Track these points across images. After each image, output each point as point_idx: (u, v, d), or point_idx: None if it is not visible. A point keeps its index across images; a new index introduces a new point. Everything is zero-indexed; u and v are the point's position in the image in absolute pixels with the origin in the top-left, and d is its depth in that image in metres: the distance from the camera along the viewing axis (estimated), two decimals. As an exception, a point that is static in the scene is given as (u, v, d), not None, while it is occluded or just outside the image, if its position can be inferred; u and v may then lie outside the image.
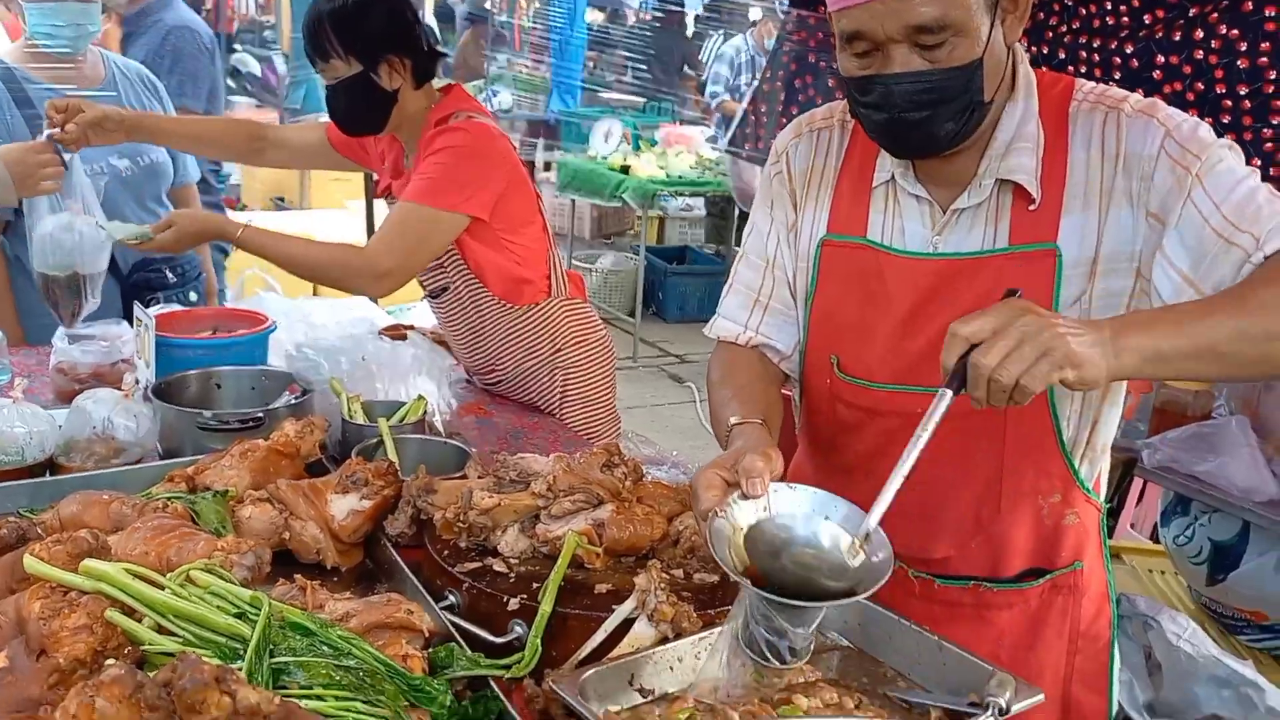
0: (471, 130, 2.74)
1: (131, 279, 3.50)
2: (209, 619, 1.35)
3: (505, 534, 1.85)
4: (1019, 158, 1.68)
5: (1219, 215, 1.55)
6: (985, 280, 1.70)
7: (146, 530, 1.67)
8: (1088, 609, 1.87)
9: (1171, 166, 1.60)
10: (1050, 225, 1.68)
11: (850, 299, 1.83)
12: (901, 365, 1.78)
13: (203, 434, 2.21)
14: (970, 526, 1.82)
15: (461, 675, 1.51)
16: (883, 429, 1.80)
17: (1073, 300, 1.68)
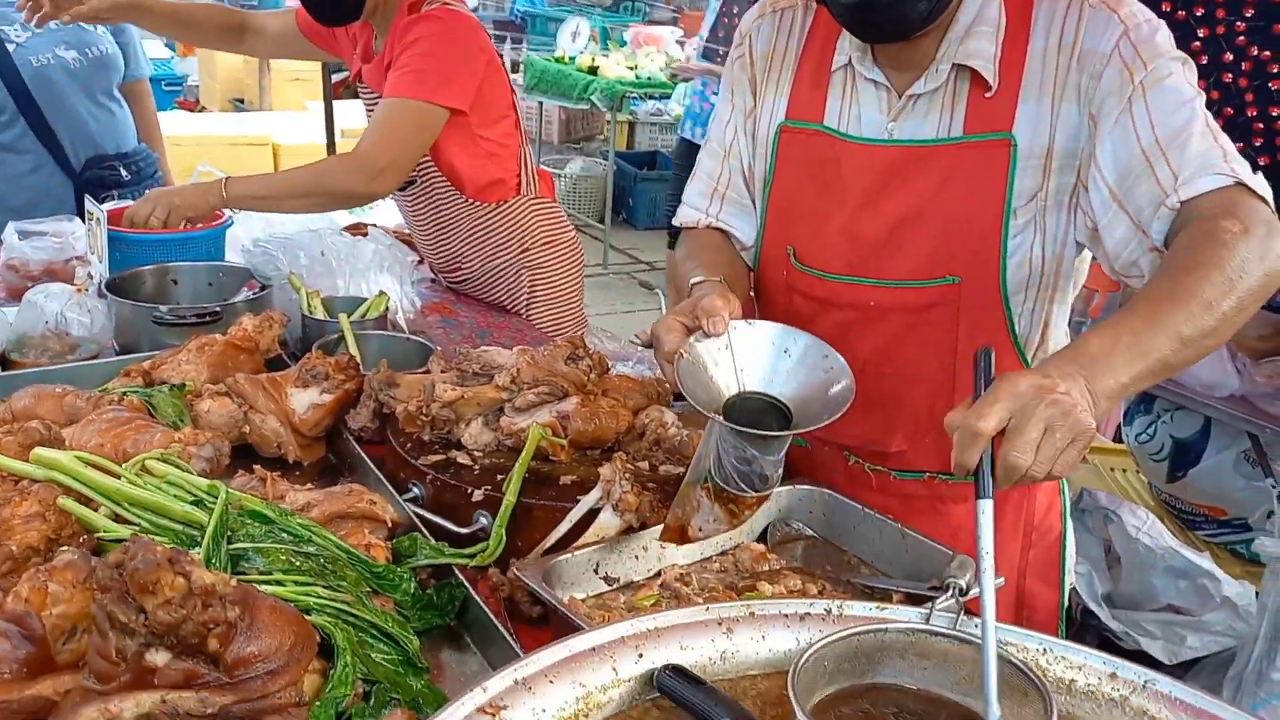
0: (447, 19, 2.64)
1: (84, 176, 3.41)
2: (165, 507, 1.32)
3: (469, 427, 1.84)
4: (977, 42, 1.64)
5: (1151, 135, 1.52)
6: (939, 169, 1.67)
7: (101, 422, 1.64)
8: (1040, 502, 1.88)
9: (1120, 69, 1.56)
10: (1006, 114, 1.63)
11: (807, 188, 1.79)
12: (856, 256, 1.75)
13: (159, 329, 2.17)
14: (925, 419, 1.80)
15: (425, 564, 1.50)
16: (838, 321, 1.78)
17: (1028, 196, 1.64)
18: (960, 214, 1.67)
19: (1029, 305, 1.74)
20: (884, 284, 1.73)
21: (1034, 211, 1.65)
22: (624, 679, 1.11)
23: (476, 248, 2.94)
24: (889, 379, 1.78)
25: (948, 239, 1.69)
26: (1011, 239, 1.66)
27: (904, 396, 1.80)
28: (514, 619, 1.53)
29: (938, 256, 1.69)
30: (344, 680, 1.11)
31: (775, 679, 1.13)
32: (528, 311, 2.99)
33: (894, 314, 1.74)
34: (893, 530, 1.62)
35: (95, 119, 3.43)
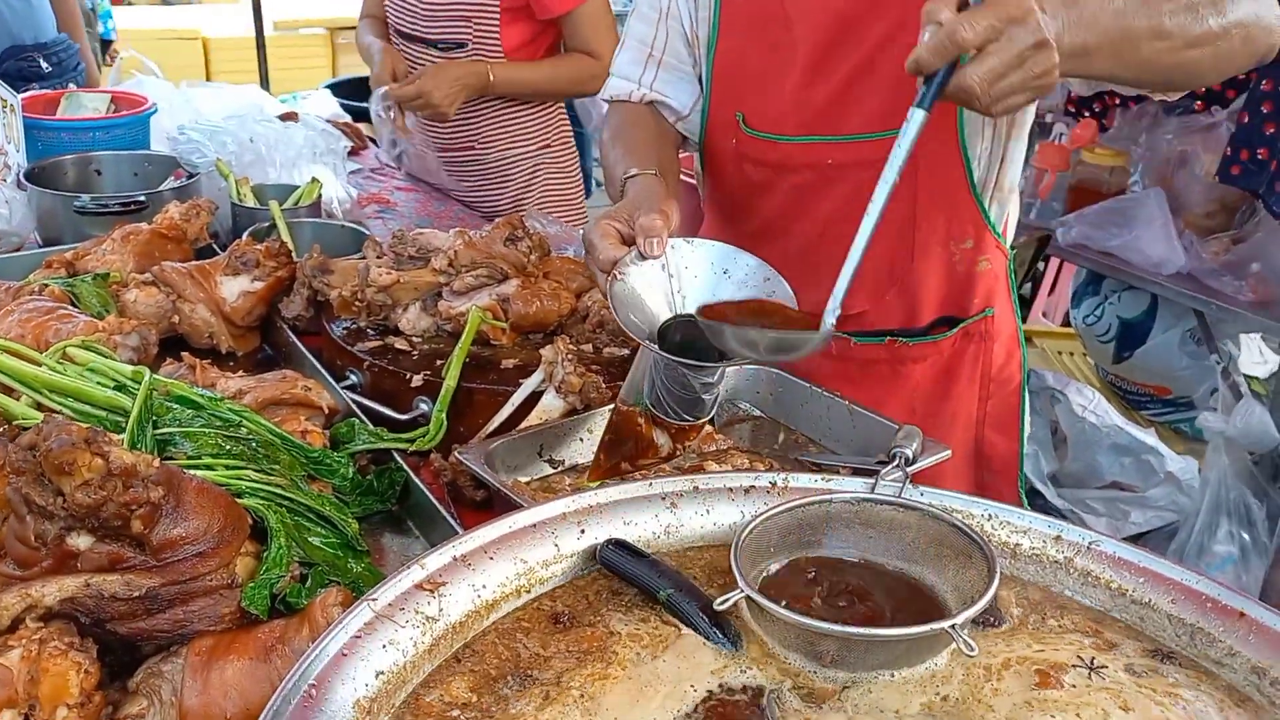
0: None
1: (2, 67, 3.25)
2: (87, 392, 1.27)
3: (406, 312, 1.79)
4: None
5: None
6: (890, 17, 1.59)
7: (21, 313, 1.58)
8: (999, 354, 1.85)
9: None
10: None
11: (753, 48, 1.72)
12: (810, 114, 1.69)
13: (82, 220, 2.08)
14: (885, 279, 1.77)
15: (363, 449, 1.46)
16: (793, 185, 1.74)
17: None
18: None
19: (985, 147, 1.70)
20: (840, 139, 1.68)
21: None
22: (566, 554, 1.09)
23: (499, 131, 2.83)
24: (848, 239, 1.73)
25: (901, 88, 1.56)
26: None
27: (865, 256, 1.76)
28: (457, 503, 1.51)
29: (892, 106, 1.61)
30: (278, 562, 1.07)
31: (721, 551, 1.12)
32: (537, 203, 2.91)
33: (851, 170, 1.68)
34: (840, 407, 1.61)
35: (10, 7, 3.28)
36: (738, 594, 0.98)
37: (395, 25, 2.81)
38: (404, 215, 2.77)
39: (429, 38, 2.73)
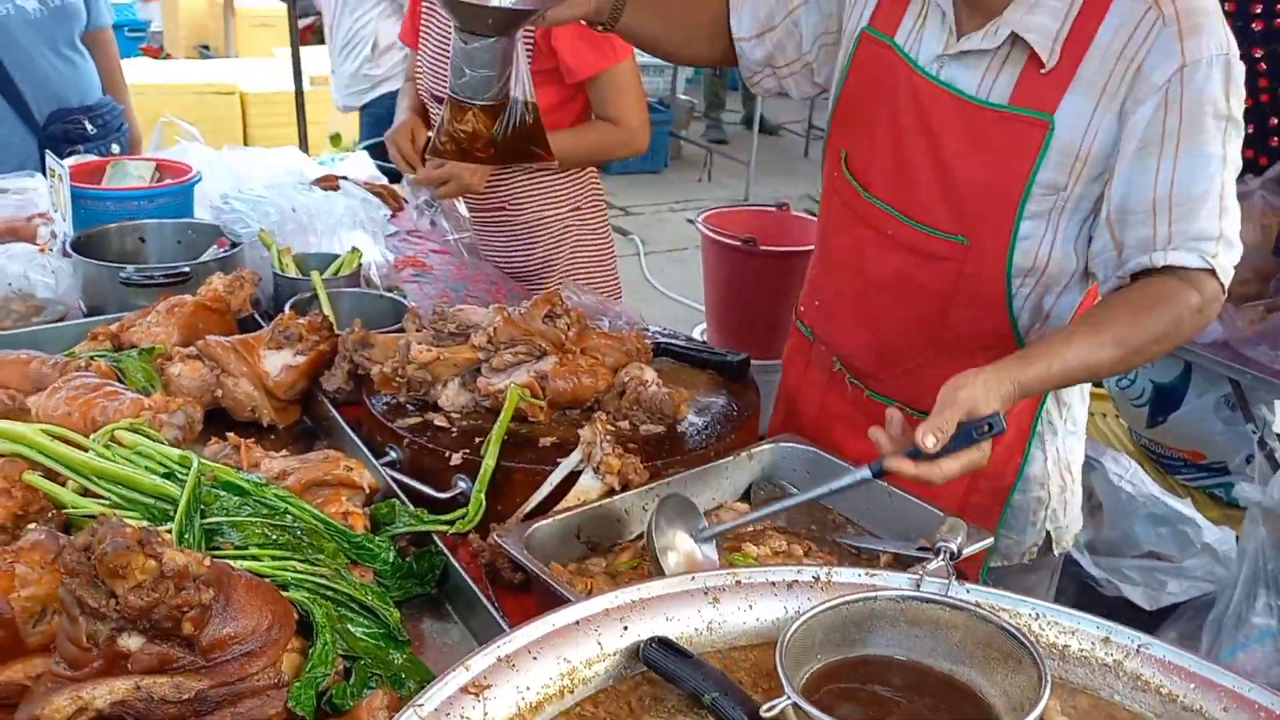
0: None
1: (48, 130, 3.31)
2: (135, 480, 1.29)
3: (446, 388, 1.80)
4: (1040, 17, 1.60)
5: (1167, 189, 1.56)
6: (974, 130, 1.66)
7: (69, 390, 1.60)
8: (996, 455, 1.81)
9: (1160, 106, 1.56)
10: (1053, 97, 1.61)
11: (870, 95, 1.80)
12: (890, 177, 1.78)
13: (127, 290, 2.11)
14: (905, 357, 1.84)
15: (404, 531, 1.47)
16: (858, 236, 1.84)
17: (1050, 188, 1.64)
18: (981, 181, 1.67)
19: (1028, 293, 1.75)
20: (900, 218, 1.76)
21: (1051, 205, 1.65)
22: (609, 652, 1.09)
23: (530, 194, 2.85)
24: (885, 306, 1.83)
25: (963, 201, 1.69)
26: (1024, 221, 1.66)
27: (892, 328, 1.84)
28: (495, 585, 1.51)
29: (951, 213, 1.70)
30: (324, 659, 1.08)
31: (766, 650, 1.12)
32: (564, 276, 2.92)
33: (901, 251, 1.77)
34: (879, 489, 1.61)
35: (58, 71, 3.33)
36: (785, 701, 0.98)
37: (429, 89, 2.85)
38: (439, 278, 2.79)
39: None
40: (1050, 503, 1.94)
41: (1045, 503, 1.94)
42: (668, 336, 2.09)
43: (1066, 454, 1.93)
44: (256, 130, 6.60)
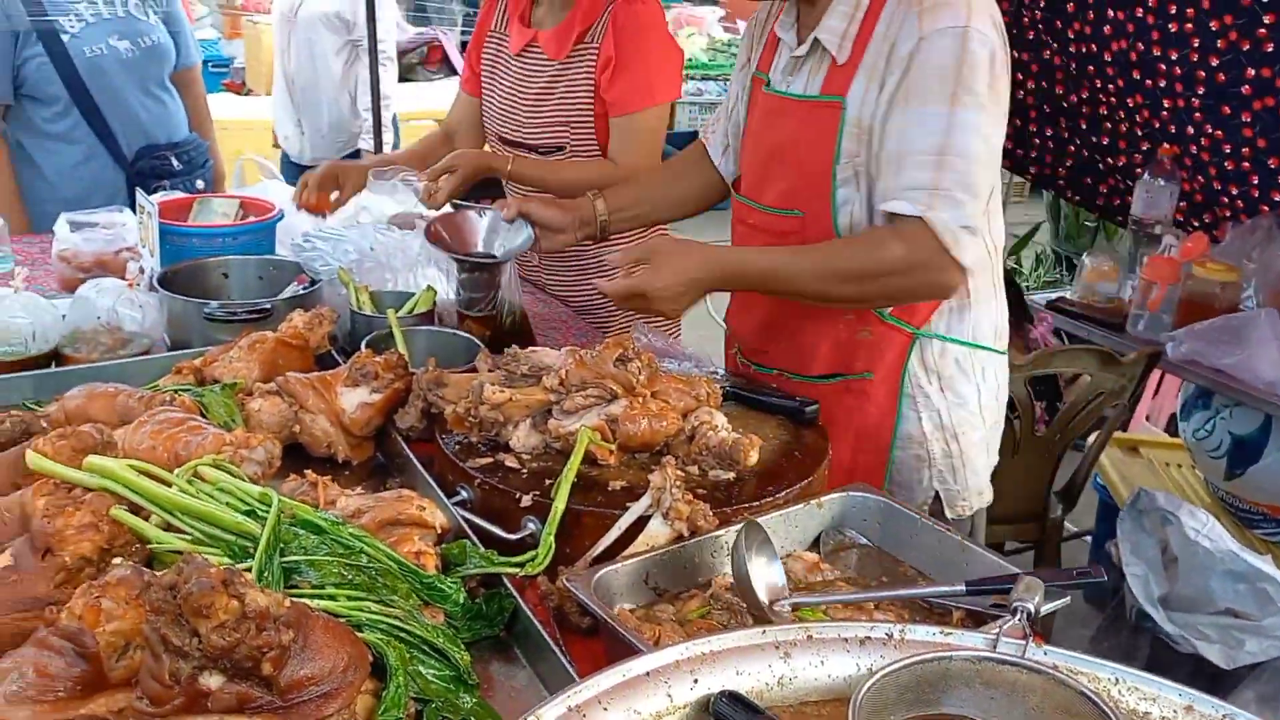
0: (653, 5, 2.74)
1: (136, 166, 3.43)
2: (217, 516, 1.32)
3: (517, 429, 1.82)
4: (831, 19, 1.96)
5: (895, 144, 1.87)
6: (796, 120, 2.03)
7: (154, 424, 1.64)
8: (871, 414, 2.13)
9: (901, 74, 1.86)
10: (845, 82, 1.94)
11: (750, 124, 2.20)
12: (751, 180, 2.16)
13: (210, 325, 2.17)
14: (778, 326, 2.18)
15: (475, 573, 1.48)
16: (739, 233, 2.21)
17: (850, 156, 1.95)
18: (802, 160, 2.01)
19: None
20: (757, 207, 2.14)
21: (854, 170, 1.95)
22: (679, 705, 1.09)
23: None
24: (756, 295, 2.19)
25: (794, 179, 2.04)
26: (839, 189, 1.98)
27: (765, 303, 2.19)
28: (563, 628, 1.52)
29: (789, 193, 2.05)
30: (397, 702, 1.09)
31: (838, 707, 1.11)
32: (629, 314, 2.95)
33: (761, 234, 2.12)
34: (952, 541, 1.59)
35: (147, 109, 3.45)
36: (857, 762, 0.97)
37: (497, 132, 2.92)
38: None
39: (529, 143, 2.84)
40: (934, 463, 2.15)
41: (926, 461, 2.15)
42: (737, 382, 2.09)
43: (954, 424, 2.14)
44: (333, 165, 6.74)
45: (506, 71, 2.88)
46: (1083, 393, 3.42)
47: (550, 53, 2.76)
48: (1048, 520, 3.61)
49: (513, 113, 2.84)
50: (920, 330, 2.09)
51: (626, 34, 2.66)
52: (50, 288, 2.63)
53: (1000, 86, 1.87)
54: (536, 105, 2.80)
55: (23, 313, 2.07)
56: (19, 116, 3.31)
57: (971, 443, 2.18)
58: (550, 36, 2.76)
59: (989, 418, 2.21)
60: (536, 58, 2.80)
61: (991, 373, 2.19)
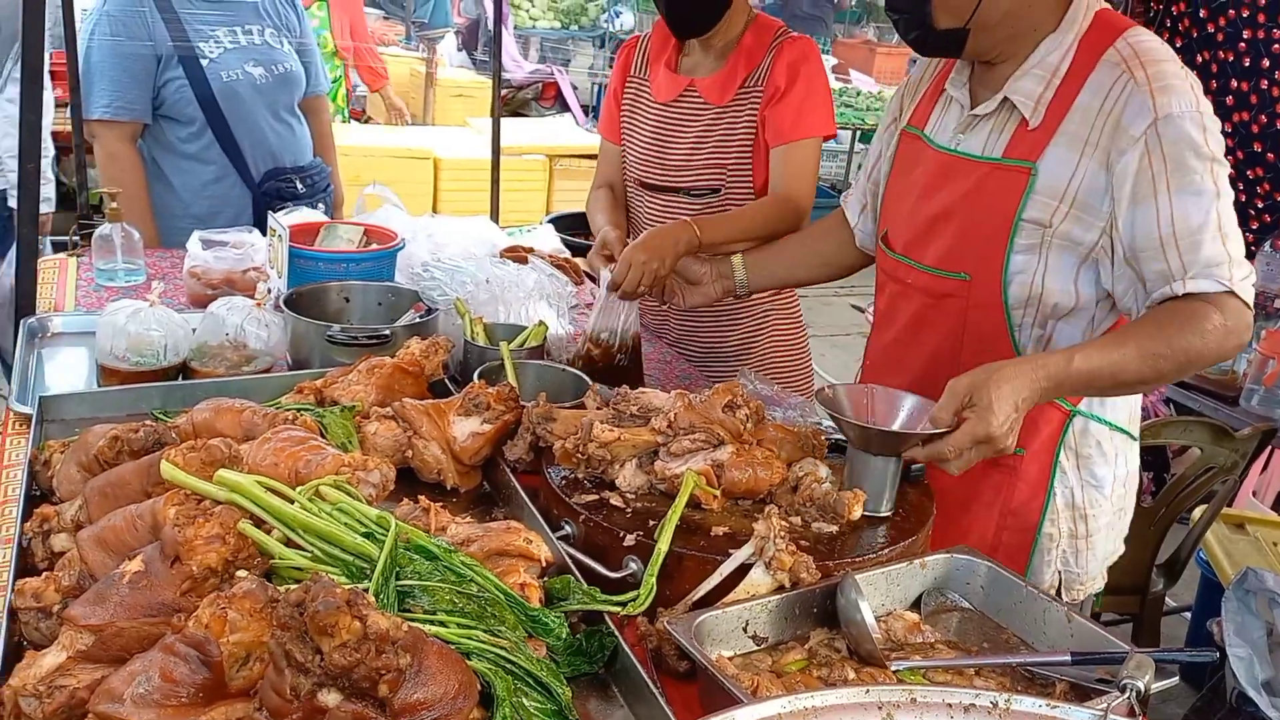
0: (813, 43, 2.79)
1: (263, 187, 3.56)
2: (338, 536, 1.36)
3: (623, 469, 1.84)
4: (1027, 82, 1.92)
5: (1170, 228, 1.79)
6: (972, 180, 1.98)
7: (277, 441, 1.69)
8: (1021, 491, 2.08)
9: (1143, 154, 1.80)
10: (1038, 148, 1.90)
11: (904, 179, 2.16)
12: (909, 238, 2.10)
13: (330, 347, 2.24)
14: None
15: (577, 609, 1.50)
16: (890, 292, 2.18)
17: (1035, 224, 1.90)
18: (976, 222, 1.97)
19: (1029, 321, 2.00)
20: (917, 266, 2.09)
21: (1037, 240, 1.91)
22: (781, 758, 1.09)
23: None
24: (910, 347, 2.15)
25: (963, 240, 2.00)
26: (1014, 255, 1.94)
27: (917, 367, 2.12)
28: (660, 670, 1.53)
29: (955, 253, 2.01)
30: (502, 732, 1.11)
31: (938, 774, 1.10)
32: (758, 359, 2.96)
33: (919, 295, 2.09)
34: (1058, 612, 1.56)
35: (276, 133, 3.58)
36: (961, 833, 0.96)
37: (639, 178, 2.93)
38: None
39: (680, 186, 2.85)
40: (1060, 541, 2.11)
41: (1056, 540, 2.11)
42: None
43: (1085, 504, 2.10)
44: (446, 195, 6.92)
45: (650, 118, 2.90)
46: (1193, 466, 3.32)
47: (712, 99, 2.77)
48: (1149, 594, 3.51)
49: (659, 158, 2.85)
50: (1076, 408, 2.05)
51: (793, 66, 2.69)
52: (179, 301, 2.74)
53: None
54: (693, 150, 2.80)
55: (157, 326, 2.16)
56: (156, 135, 3.46)
57: (1099, 526, 2.13)
58: (711, 84, 2.78)
59: (1118, 503, 2.16)
60: (694, 104, 2.81)
61: (1124, 458, 2.14)
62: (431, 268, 2.53)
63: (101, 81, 3.32)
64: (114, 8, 3.31)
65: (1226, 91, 3.42)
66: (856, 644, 1.50)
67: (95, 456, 1.66)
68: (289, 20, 3.65)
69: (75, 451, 1.72)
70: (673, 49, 2.88)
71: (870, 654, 1.48)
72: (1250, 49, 3.34)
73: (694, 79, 2.82)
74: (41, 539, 1.56)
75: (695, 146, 2.80)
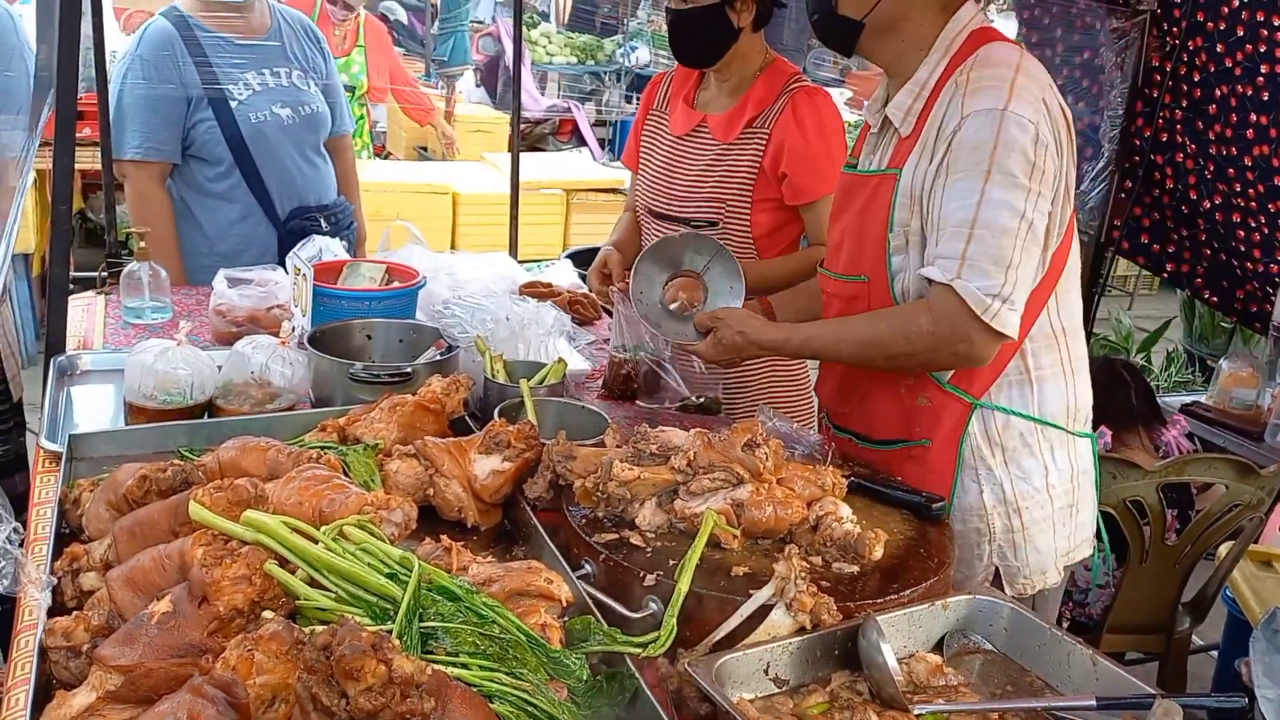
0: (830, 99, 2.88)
1: (288, 225, 3.59)
2: (362, 577, 1.37)
3: (643, 507, 1.85)
4: (901, 96, 2.09)
5: (936, 214, 1.98)
6: (864, 193, 2.15)
7: (301, 480, 1.71)
8: (931, 482, 2.14)
9: (946, 149, 1.97)
10: (904, 156, 2.06)
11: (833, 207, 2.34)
12: (830, 253, 2.31)
13: (353, 385, 2.26)
14: (852, 393, 2.30)
15: (598, 649, 1.51)
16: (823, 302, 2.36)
17: (902, 225, 2.06)
18: (865, 228, 2.14)
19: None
20: (830, 274, 2.28)
21: (905, 238, 2.07)
22: (803, 804, 1.09)
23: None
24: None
25: (859, 246, 2.17)
26: (893, 256, 2.09)
27: (839, 370, 2.34)
28: (681, 713, 1.52)
29: (854, 259, 2.18)
30: (525, 775, 1.12)
31: (961, 821, 1.09)
32: (757, 388, 3.00)
33: (836, 300, 2.27)
34: (1083, 655, 1.56)
35: (301, 172, 3.63)
36: None
37: (648, 206, 3.00)
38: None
39: (682, 216, 2.91)
40: (994, 538, 2.18)
41: (986, 535, 2.18)
42: (861, 472, 2.09)
43: (1016, 498, 2.16)
44: (465, 229, 6.98)
45: (665, 149, 2.99)
46: (1218, 503, 3.30)
47: (719, 135, 2.86)
48: (1175, 633, 3.48)
49: (668, 188, 2.94)
50: (979, 400, 2.14)
51: (810, 124, 2.76)
52: (204, 339, 2.77)
53: (1048, 168, 1.94)
54: (696, 182, 2.89)
55: (184, 365, 2.19)
56: (185, 175, 3.51)
57: (1035, 519, 2.19)
58: (720, 120, 2.86)
59: (1059, 498, 2.21)
60: (703, 139, 2.90)
61: (1064, 453, 2.20)
62: (452, 305, 2.56)
63: (133, 123, 3.38)
64: (146, 51, 3.38)
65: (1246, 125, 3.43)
66: (879, 687, 1.50)
67: (124, 495, 1.68)
68: (315, 63, 3.70)
69: (104, 490, 1.74)
70: (692, 85, 2.97)
71: (893, 697, 1.48)
72: (1269, 83, 3.35)
73: (707, 115, 2.90)
74: (71, 578, 1.57)
75: (699, 179, 2.88)
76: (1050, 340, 2.13)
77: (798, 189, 2.79)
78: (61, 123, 2.48)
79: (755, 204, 2.83)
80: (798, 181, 2.77)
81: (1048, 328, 2.11)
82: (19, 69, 2.99)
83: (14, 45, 2.98)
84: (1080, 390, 2.21)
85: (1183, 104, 3.57)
